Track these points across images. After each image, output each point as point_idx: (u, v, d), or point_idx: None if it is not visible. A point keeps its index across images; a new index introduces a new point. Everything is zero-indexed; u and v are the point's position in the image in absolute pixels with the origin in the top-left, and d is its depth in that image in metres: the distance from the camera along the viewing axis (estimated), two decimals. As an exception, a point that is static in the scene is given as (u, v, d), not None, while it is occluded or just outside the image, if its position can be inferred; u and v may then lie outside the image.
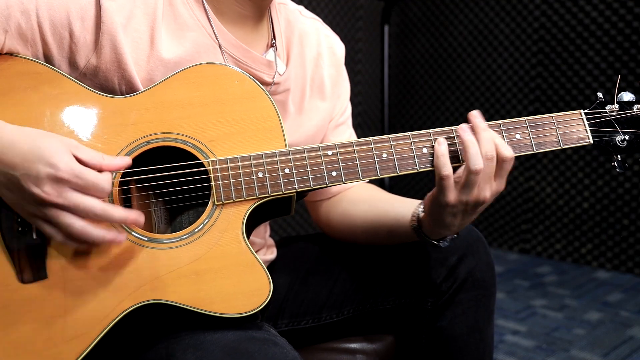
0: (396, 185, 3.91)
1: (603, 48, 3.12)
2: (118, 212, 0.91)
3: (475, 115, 1.04)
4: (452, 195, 1.02)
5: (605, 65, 3.13)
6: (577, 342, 2.45)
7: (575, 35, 3.21)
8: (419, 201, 1.17)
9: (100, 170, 0.91)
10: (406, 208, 1.18)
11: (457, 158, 1.04)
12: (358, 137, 1.19)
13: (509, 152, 1.02)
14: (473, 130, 1.03)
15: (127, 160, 0.95)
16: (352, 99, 1.39)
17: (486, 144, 1.01)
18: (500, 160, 1.01)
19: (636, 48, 3.03)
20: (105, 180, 0.90)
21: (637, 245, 3.11)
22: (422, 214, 1.13)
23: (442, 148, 1.03)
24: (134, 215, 0.93)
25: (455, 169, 1.03)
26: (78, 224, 0.89)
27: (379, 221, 1.22)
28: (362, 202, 1.29)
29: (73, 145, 0.91)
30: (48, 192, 0.87)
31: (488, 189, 1.02)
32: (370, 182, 1.25)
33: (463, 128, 1.03)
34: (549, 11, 3.28)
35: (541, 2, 3.30)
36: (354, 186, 1.34)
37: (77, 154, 0.90)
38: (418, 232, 1.14)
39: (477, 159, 1.00)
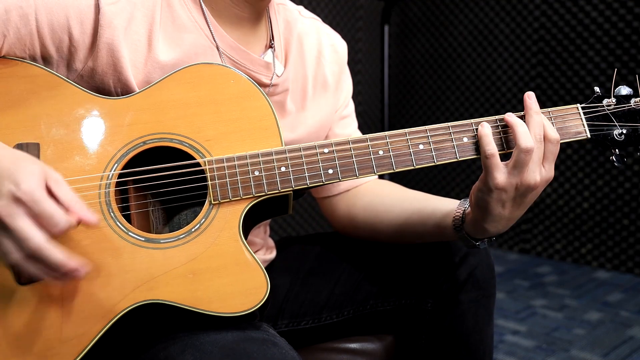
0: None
1: (603, 48, 3.12)
2: (56, 255, 0.85)
3: (530, 96, 1.03)
4: (501, 177, 1.00)
5: (605, 65, 3.12)
6: (577, 342, 2.45)
7: (575, 35, 3.20)
8: (459, 200, 1.14)
9: (66, 210, 0.87)
10: (445, 203, 1.16)
11: (500, 146, 1.03)
12: (358, 137, 1.18)
13: (555, 134, 1.02)
14: (526, 112, 1.03)
15: (95, 220, 0.90)
16: (352, 99, 1.39)
17: (535, 125, 1.01)
18: (547, 142, 1.01)
19: (636, 48, 3.03)
20: (62, 218, 0.85)
21: (637, 245, 3.11)
22: (468, 209, 1.10)
23: (485, 129, 1.02)
24: (74, 264, 0.86)
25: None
26: (14, 255, 0.85)
27: (410, 218, 1.20)
28: (389, 199, 1.27)
29: (53, 177, 0.87)
30: (1, 207, 0.83)
31: (538, 172, 1.00)
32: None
33: (509, 114, 1.03)
34: (549, 11, 3.27)
35: (541, 2, 3.30)
36: (372, 181, 1.32)
37: (52, 186, 0.86)
38: (459, 229, 1.10)
39: (527, 138, 0.99)
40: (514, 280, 3.12)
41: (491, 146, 1.01)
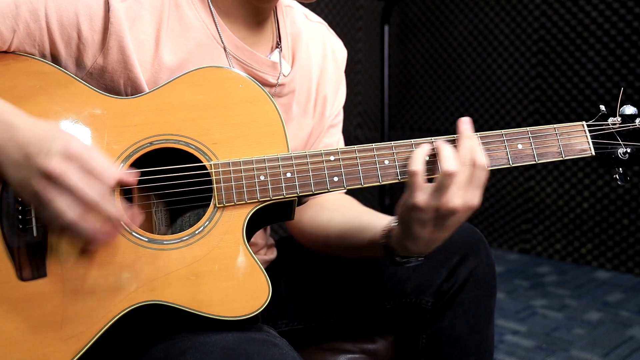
0: (396, 194, 3.91)
1: (603, 48, 3.12)
2: (113, 207, 0.90)
3: (464, 121, 1.02)
4: (421, 197, 0.98)
5: (605, 65, 3.13)
6: (577, 342, 2.45)
7: (575, 35, 3.20)
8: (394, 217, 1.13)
9: None
10: (376, 219, 1.16)
11: (436, 170, 1.02)
12: (358, 138, 1.18)
13: (483, 160, 1.00)
14: (458, 135, 1.01)
15: (134, 179, 0.95)
16: (352, 99, 1.39)
17: (464, 149, 0.99)
18: (474, 168, 0.99)
19: (636, 48, 3.03)
20: (113, 174, 0.90)
21: (637, 245, 3.11)
22: (394, 224, 1.09)
23: (419, 149, 1.01)
24: (129, 214, 0.92)
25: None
26: (70, 213, 0.87)
27: (349, 229, 1.20)
28: (334, 209, 1.27)
29: (89, 145, 0.92)
30: (54, 165, 0.86)
31: (460, 197, 0.98)
32: (373, 189, 1.24)
33: (439, 140, 1.02)
34: (549, 11, 3.28)
35: (541, 2, 3.30)
36: (328, 194, 1.32)
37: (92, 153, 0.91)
38: (386, 246, 1.10)
39: (450, 161, 0.97)
40: (514, 280, 3.12)
41: (416, 165, 0.99)
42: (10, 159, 0.89)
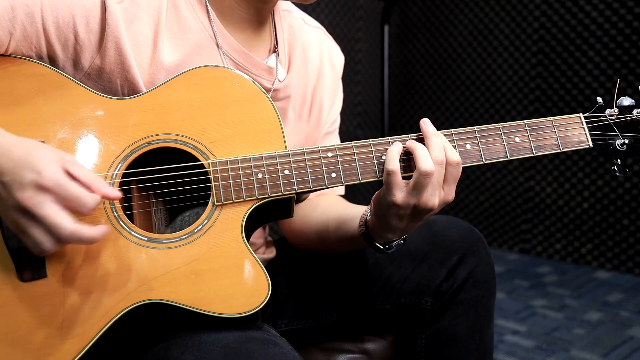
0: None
1: (603, 48, 3.12)
2: (89, 233, 0.88)
3: (426, 122, 1.03)
4: (399, 195, 1.00)
5: (605, 65, 3.13)
6: (577, 342, 2.45)
7: (575, 35, 3.21)
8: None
9: (88, 189, 0.89)
10: (356, 210, 1.17)
11: (410, 168, 1.02)
12: (358, 138, 1.18)
13: (456, 157, 1.01)
14: (424, 136, 1.02)
15: (118, 194, 0.92)
16: (352, 99, 1.39)
17: (435, 148, 1.00)
18: (448, 165, 1.00)
19: (636, 48, 3.03)
20: (90, 197, 0.87)
21: (637, 245, 3.11)
22: (369, 217, 1.11)
23: (393, 147, 1.02)
24: (103, 230, 0.90)
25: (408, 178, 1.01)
26: (47, 244, 0.87)
27: (330, 224, 1.21)
28: (320, 206, 1.28)
29: (68, 160, 0.89)
30: (27, 197, 0.85)
31: (437, 195, 1.00)
32: (371, 185, 1.24)
33: (410, 140, 1.03)
34: (549, 11, 3.28)
35: (541, 2, 3.30)
36: (322, 193, 1.33)
37: (69, 169, 0.88)
38: (365, 235, 1.12)
39: (427, 161, 0.99)
40: (514, 280, 3.12)
41: (393, 163, 1.00)
42: None
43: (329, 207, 1.27)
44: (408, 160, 1.02)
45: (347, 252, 1.27)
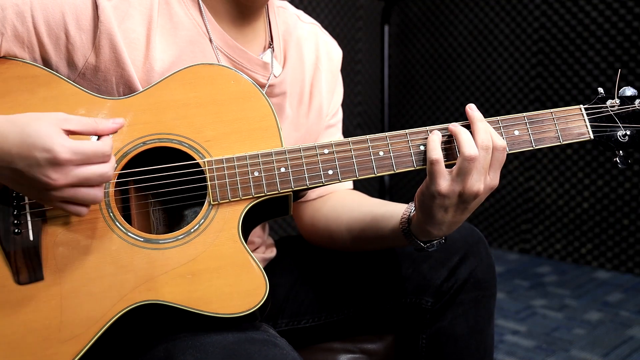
0: (396, 185, 3.91)
1: (603, 48, 3.12)
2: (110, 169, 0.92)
3: (472, 107, 1.03)
4: (443, 183, 0.99)
5: (605, 65, 3.12)
6: (577, 342, 2.45)
7: (575, 35, 3.20)
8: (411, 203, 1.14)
9: (97, 136, 0.91)
10: (397, 207, 1.16)
11: (452, 156, 1.03)
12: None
13: (502, 142, 1.00)
14: (470, 121, 1.02)
15: (121, 121, 0.96)
16: (352, 99, 1.39)
17: (482, 133, 1.00)
18: (495, 150, 1.00)
19: (636, 48, 3.03)
20: (104, 145, 0.89)
21: (637, 245, 3.11)
22: (413, 212, 1.10)
23: (434, 136, 1.02)
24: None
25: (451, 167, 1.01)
26: (100, 194, 0.90)
27: (368, 221, 1.20)
28: (350, 203, 1.27)
29: (61, 119, 0.89)
30: (55, 177, 0.86)
31: (482, 180, 0.99)
32: (370, 181, 1.24)
33: (454, 123, 1.03)
34: (549, 11, 3.27)
35: (541, 2, 3.30)
36: (339, 190, 1.32)
37: (67, 128, 0.89)
38: (406, 232, 1.11)
39: (471, 146, 0.98)
40: (514, 280, 3.12)
41: (436, 152, 1.00)
42: (9, 178, 0.89)
43: (362, 203, 1.26)
44: (450, 149, 1.02)
45: (380, 249, 1.26)
